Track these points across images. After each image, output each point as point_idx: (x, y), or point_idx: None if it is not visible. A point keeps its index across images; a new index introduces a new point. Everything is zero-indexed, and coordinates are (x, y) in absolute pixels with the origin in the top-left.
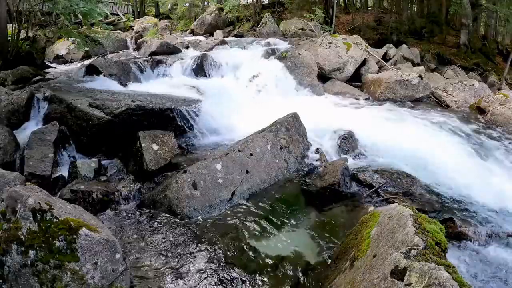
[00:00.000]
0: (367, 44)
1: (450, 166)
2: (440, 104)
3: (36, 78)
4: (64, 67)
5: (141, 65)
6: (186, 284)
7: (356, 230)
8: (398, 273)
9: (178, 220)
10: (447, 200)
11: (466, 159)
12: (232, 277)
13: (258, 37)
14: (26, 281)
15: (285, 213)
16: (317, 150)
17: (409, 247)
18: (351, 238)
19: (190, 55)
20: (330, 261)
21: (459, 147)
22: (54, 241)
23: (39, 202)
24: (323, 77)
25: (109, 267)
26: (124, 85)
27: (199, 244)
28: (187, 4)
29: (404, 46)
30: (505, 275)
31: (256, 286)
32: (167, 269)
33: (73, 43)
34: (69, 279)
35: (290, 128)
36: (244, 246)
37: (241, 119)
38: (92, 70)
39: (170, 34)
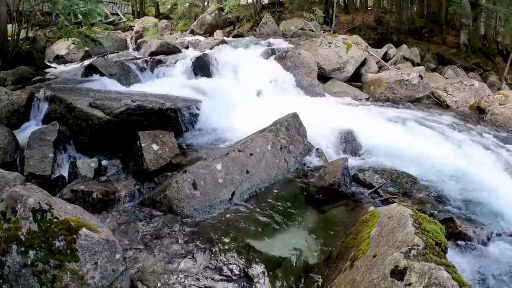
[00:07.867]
0: (367, 44)
1: (450, 166)
2: (440, 104)
3: (36, 78)
4: (64, 67)
5: (141, 65)
6: (186, 284)
7: (356, 230)
8: (398, 273)
9: (178, 220)
10: (447, 200)
11: (465, 159)
12: (232, 277)
13: (258, 37)
14: (26, 281)
15: (285, 213)
16: (317, 150)
17: (409, 247)
18: (351, 238)
19: (190, 55)
20: (330, 261)
21: (459, 147)
22: (54, 241)
23: (39, 202)
24: (323, 77)
25: (109, 267)
26: (124, 85)
27: (199, 244)
28: (187, 4)
29: (404, 46)
30: (506, 275)
31: (256, 286)
32: (167, 269)
33: (73, 43)
34: (69, 279)
35: (290, 128)
36: (244, 246)
37: (241, 119)
38: (92, 70)
39: (170, 34)
